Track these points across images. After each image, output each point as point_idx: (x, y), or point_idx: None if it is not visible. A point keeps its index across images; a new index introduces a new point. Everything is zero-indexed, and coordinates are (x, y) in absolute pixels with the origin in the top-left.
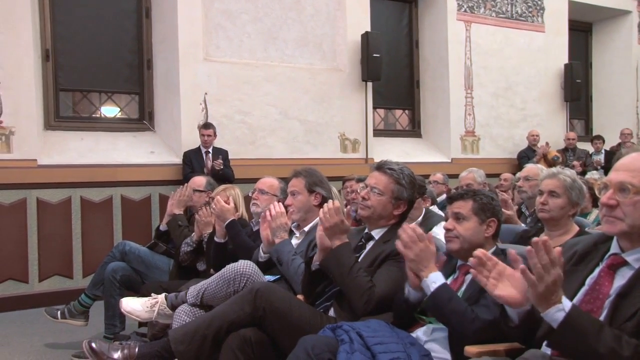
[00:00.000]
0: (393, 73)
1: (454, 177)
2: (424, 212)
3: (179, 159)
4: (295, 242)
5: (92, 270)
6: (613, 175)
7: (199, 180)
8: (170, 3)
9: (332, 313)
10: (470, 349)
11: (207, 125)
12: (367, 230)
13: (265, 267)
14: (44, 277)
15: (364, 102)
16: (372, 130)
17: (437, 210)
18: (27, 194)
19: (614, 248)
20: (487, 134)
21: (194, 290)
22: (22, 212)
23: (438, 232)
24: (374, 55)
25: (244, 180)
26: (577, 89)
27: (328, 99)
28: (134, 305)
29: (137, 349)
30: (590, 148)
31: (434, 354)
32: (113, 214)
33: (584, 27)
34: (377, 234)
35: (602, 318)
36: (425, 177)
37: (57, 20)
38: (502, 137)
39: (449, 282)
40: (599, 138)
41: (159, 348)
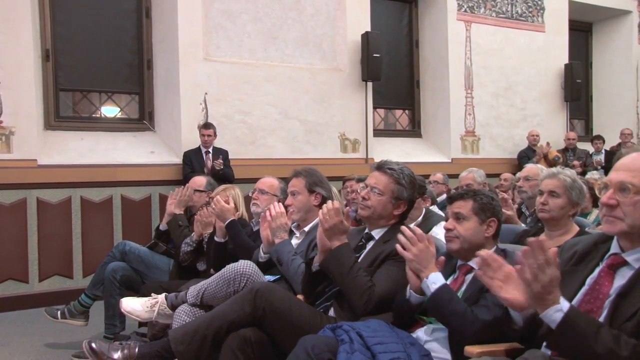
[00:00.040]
0: (393, 73)
1: (454, 177)
2: (424, 212)
3: (179, 159)
4: (295, 242)
5: (92, 270)
6: (613, 175)
7: (199, 180)
8: (170, 3)
9: (332, 313)
10: (470, 349)
11: (207, 125)
12: (367, 230)
13: (265, 267)
14: (44, 277)
15: (364, 102)
16: (372, 130)
17: (437, 210)
18: (27, 194)
19: (614, 248)
20: (487, 134)
21: (194, 290)
22: (22, 212)
23: (438, 232)
24: (374, 55)
25: (244, 180)
26: (577, 89)
27: (328, 99)
28: (134, 305)
29: (137, 349)
30: (591, 148)
31: (434, 354)
32: (113, 214)
33: (584, 27)
34: (377, 234)
35: (602, 318)
36: (425, 177)
37: (57, 20)
38: (502, 137)
39: (449, 282)
40: (599, 138)
41: (159, 348)
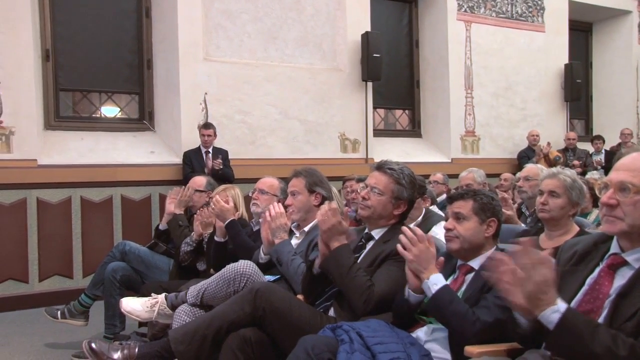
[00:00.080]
0: (393, 73)
1: (454, 177)
2: (424, 212)
3: (179, 159)
4: (295, 242)
5: (92, 270)
6: (613, 175)
7: (200, 180)
8: (170, 3)
9: (332, 313)
10: (471, 349)
11: (207, 125)
12: (367, 230)
13: (265, 267)
14: (44, 277)
15: (364, 102)
16: (372, 130)
17: (437, 210)
18: (27, 194)
19: (614, 248)
20: (487, 134)
21: (194, 290)
22: (22, 212)
23: (438, 231)
24: (374, 55)
25: (244, 180)
26: (577, 89)
27: (328, 99)
28: (134, 305)
29: (137, 349)
30: (591, 148)
31: (434, 354)
32: (113, 214)
33: (584, 27)
34: (377, 234)
35: (602, 318)
36: (425, 177)
37: (57, 20)
38: (502, 137)
39: (449, 282)
40: (599, 138)
41: (159, 348)
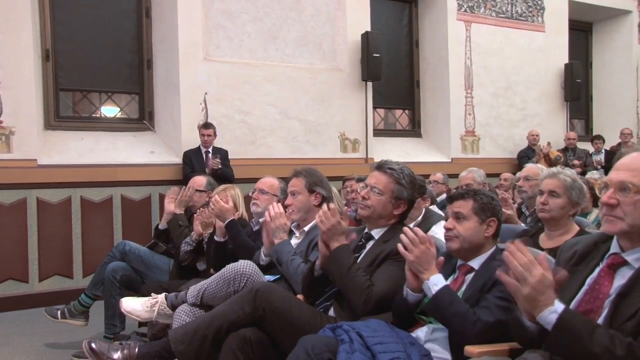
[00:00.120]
0: (393, 73)
1: (454, 177)
2: (424, 211)
3: (179, 159)
4: (295, 242)
5: (92, 270)
6: (613, 175)
7: (200, 180)
8: (170, 3)
9: (332, 313)
10: (470, 349)
11: (207, 125)
12: (367, 230)
13: (265, 267)
14: (44, 277)
15: (364, 102)
16: (372, 130)
17: (437, 210)
18: (27, 194)
19: (614, 247)
20: (487, 134)
21: (194, 290)
22: (22, 212)
23: (437, 231)
24: (374, 55)
25: (244, 180)
26: (577, 89)
27: (328, 99)
28: (134, 305)
29: (137, 349)
30: (591, 148)
31: (434, 354)
32: (113, 214)
33: (584, 26)
34: (377, 234)
35: (602, 318)
36: (425, 177)
37: (57, 20)
38: (502, 136)
39: (449, 282)
40: (599, 138)
41: (159, 348)
